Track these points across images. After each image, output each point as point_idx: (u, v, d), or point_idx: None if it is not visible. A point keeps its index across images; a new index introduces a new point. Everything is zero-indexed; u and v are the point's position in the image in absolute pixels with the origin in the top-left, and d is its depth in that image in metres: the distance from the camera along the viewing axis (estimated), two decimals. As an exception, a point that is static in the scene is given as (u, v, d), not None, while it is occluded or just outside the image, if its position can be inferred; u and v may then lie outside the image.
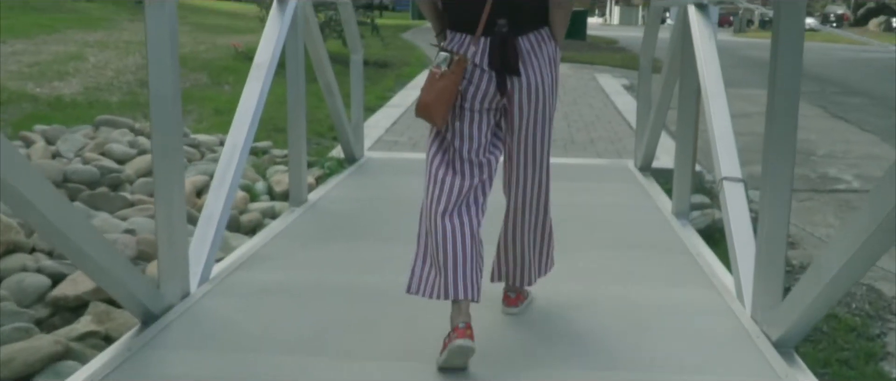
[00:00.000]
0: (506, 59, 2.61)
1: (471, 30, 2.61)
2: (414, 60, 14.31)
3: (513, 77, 2.63)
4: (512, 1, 2.59)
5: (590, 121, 8.36)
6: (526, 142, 2.75)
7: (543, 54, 2.66)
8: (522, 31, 2.63)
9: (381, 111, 8.63)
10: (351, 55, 6.19)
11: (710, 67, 4.06)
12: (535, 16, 2.66)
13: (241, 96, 3.99)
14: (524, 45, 2.63)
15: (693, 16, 4.32)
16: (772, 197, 2.83)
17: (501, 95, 2.64)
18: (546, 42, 2.68)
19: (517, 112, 2.68)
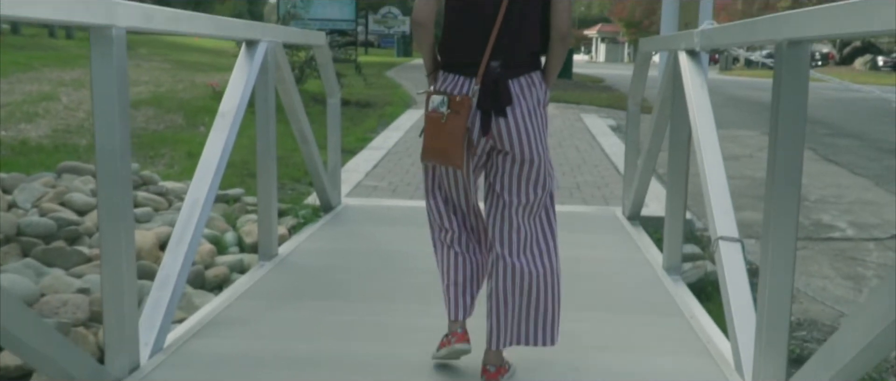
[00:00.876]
0: (497, 100, 2.62)
1: (465, 71, 2.65)
2: (397, 100, 14.06)
3: (498, 118, 2.62)
4: (505, 44, 2.62)
5: (576, 164, 8.14)
6: (511, 184, 2.72)
7: (532, 97, 2.68)
8: (514, 73, 2.65)
9: (361, 154, 8.38)
10: (328, 98, 5.96)
11: (703, 118, 3.83)
12: (527, 59, 2.69)
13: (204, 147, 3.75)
14: (514, 88, 2.64)
15: (684, 63, 4.10)
16: (774, 259, 2.62)
17: (485, 135, 2.64)
18: (536, 86, 2.70)
19: (500, 158, 2.69)
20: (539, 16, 2.69)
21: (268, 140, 4.42)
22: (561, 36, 2.69)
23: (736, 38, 3.50)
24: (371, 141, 9.27)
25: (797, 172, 2.60)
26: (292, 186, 6.66)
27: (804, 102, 2.59)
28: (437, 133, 2.63)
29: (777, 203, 2.61)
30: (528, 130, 2.66)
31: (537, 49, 2.72)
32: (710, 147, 3.69)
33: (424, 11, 2.67)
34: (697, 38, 3.87)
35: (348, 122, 10.60)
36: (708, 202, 3.49)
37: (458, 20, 2.69)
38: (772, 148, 2.63)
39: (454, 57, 2.71)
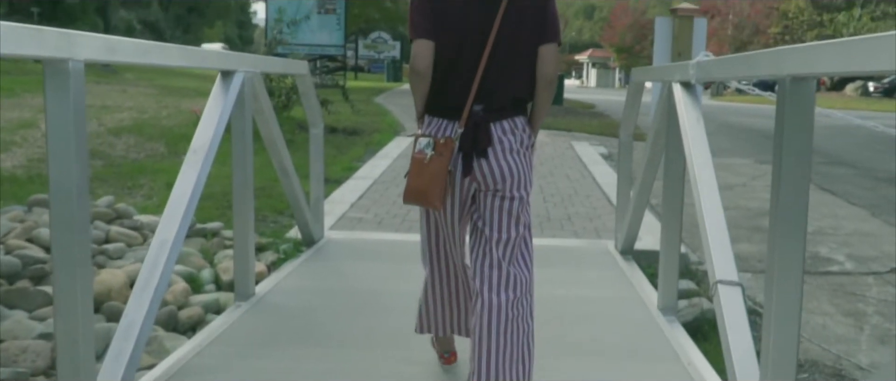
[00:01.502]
0: (477, 142, 2.68)
1: (450, 115, 2.72)
2: (385, 127, 13.86)
3: (480, 160, 2.69)
4: (489, 88, 2.69)
5: (567, 194, 7.95)
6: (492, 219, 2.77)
7: (515, 139, 2.74)
8: (497, 117, 2.71)
9: (347, 184, 8.19)
10: (310, 128, 5.77)
11: (699, 153, 3.64)
12: (510, 105, 2.75)
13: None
14: (496, 131, 2.70)
15: (679, 95, 3.93)
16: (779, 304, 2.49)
17: (467, 176, 2.72)
18: (519, 129, 2.75)
19: (483, 196, 2.75)
20: (525, 62, 2.74)
21: (245, 174, 4.22)
22: (546, 82, 2.75)
23: (733, 72, 3.33)
24: (357, 170, 9.07)
25: (802, 213, 2.44)
26: (274, 219, 6.46)
27: (809, 139, 2.44)
28: (420, 173, 2.69)
29: (782, 244, 2.45)
30: (510, 167, 2.72)
31: (523, 95, 2.78)
32: (707, 184, 3.50)
33: (425, 62, 2.70)
34: (693, 71, 3.70)
35: (335, 150, 10.43)
36: (705, 243, 3.30)
37: (445, 67, 2.72)
38: (775, 187, 2.47)
39: (440, 101, 2.76)
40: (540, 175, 9.07)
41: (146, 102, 14.31)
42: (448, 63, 2.71)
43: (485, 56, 2.67)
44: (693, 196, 3.48)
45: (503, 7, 2.67)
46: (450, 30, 2.70)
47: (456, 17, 2.70)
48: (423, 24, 2.70)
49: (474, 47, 2.68)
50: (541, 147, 11.80)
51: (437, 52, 2.71)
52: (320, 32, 20.99)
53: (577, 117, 18.66)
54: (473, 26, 2.69)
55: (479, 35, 2.68)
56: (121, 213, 5.52)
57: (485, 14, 2.69)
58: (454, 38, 2.70)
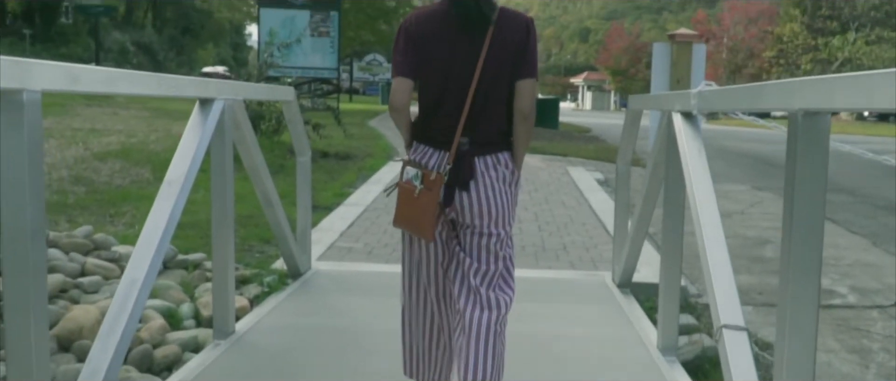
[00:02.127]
0: (460, 174, 2.73)
1: (435, 144, 2.78)
2: (378, 151, 13.64)
3: (462, 192, 2.75)
4: (475, 122, 2.75)
5: (563, 223, 7.76)
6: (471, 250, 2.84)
7: (498, 175, 2.79)
8: (482, 151, 2.77)
9: (337, 211, 7.98)
10: (297, 157, 5.58)
11: (701, 187, 3.45)
12: (496, 138, 2.81)
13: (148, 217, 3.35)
14: (480, 164, 2.77)
15: (679, 126, 3.74)
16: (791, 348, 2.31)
17: (448, 207, 2.77)
18: (502, 165, 2.81)
19: (465, 228, 2.82)
20: (505, 96, 2.80)
21: (224, 206, 4.03)
22: (523, 116, 2.80)
23: (737, 104, 3.16)
24: (349, 196, 8.87)
25: (817, 252, 2.29)
26: (261, 249, 6.25)
27: (824, 174, 2.29)
28: (410, 204, 2.76)
29: (795, 284, 2.29)
30: (490, 204, 2.78)
31: (506, 128, 2.83)
32: (710, 221, 3.31)
33: (401, 99, 2.79)
34: (694, 101, 3.52)
35: (326, 175, 10.24)
36: (709, 283, 3.09)
37: (432, 102, 2.81)
38: (787, 224, 2.32)
39: (428, 131, 2.83)
40: (535, 202, 8.89)
41: (136, 126, 14.13)
42: (434, 98, 2.80)
43: (471, 91, 2.73)
44: (694, 231, 3.30)
45: (487, 42, 2.74)
46: (435, 66, 2.78)
47: (440, 53, 2.78)
48: (401, 63, 2.80)
49: (459, 82, 2.75)
50: (536, 173, 11.63)
51: (423, 87, 2.83)
52: (313, 55, 20.82)
53: (573, 142, 18.51)
54: (458, 62, 2.76)
55: (463, 70, 2.75)
56: (98, 244, 5.32)
57: (469, 49, 2.76)
58: (439, 73, 2.78)
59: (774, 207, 9.89)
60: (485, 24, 2.75)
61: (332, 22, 20.97)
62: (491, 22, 2.75)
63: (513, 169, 2.86)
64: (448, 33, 2.78)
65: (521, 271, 5.82)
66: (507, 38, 2.77)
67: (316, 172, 10.37)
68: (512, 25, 2.79)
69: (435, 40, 2.78)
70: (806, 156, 2.28)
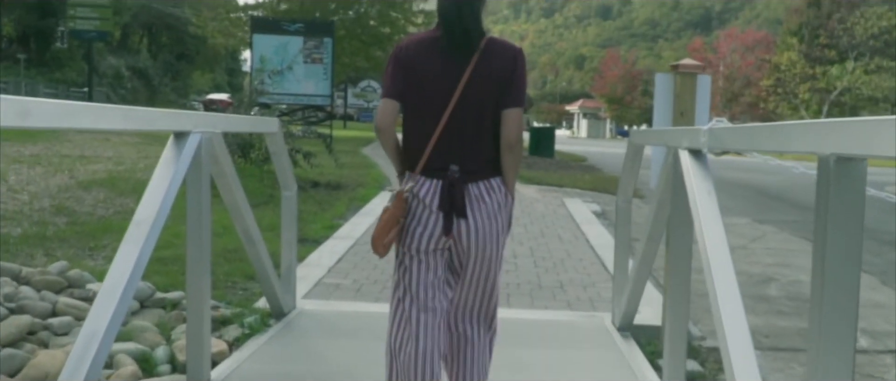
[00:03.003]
0: (454, 201, 2.79)
1: (425, 172, 2.84)
2: (370, 181, 13.34)
3: (459, 220, 2.81)
4: (462, 148, 2.81)
5: (559, 258, 7.50)
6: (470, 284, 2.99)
7: (492, 201, 2.86)
8: (473, 178, 2.83)
9: (326, 244, 7.71)
10: (282, 191, 5.33)
11: (712, 234, 3.19)
12: (487, 165, 2.87)
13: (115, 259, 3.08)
14: (473, 191, 2.82)
15: (687, 164, 3.49)
16: None
17: (447, 236, 2.83)
18: (495, 190, 2.87)
19: (464, 255, 2.90)
20: (492, 125, 2.85)
21: (201, 245, 3.77)
22: (509, 146, 2.86)
23: (755, 143, 2.91)
24: (338, 228, 8.59)
25: (853, 306, 2.11)
26: (245, 285, 5.97)
27: (860, 224, 2.12)
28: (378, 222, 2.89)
29: (828, 342, 2.13)
30: (489, 232, 2.87)
31: (495, 157, 2.88)
32: (723, 272, 3.03)
33: (386, 119, 2.86)
34: (704, 138, 3.28)
35: (316, 206, 9.96)
36: (722, 340, 2.83)
37: (418, 126, 2.87)
38: (819, 275, 2.15)
39: (415, 160, 2.87)
40: (531, 236, 8.64)
41: (126, 152, 13.87)
42: (423, 124, 2.85)
43: (445, 117, 2.80)
44: (706, 284, 3.04)
45: (470, 69, 2.79)
46: (420, 90, 2.84)
47: (426, 78, 2.83)
48: (389, 85, 2.88)
49: (442, 108, 2.81)
50: (532, 204, 11.39)
51: (413, 113, 2.89)
52: (306, 82, 20.59)
53: (569, 172, 18.27)
54: (442, 88, 2.81)
55: (446, 96, 2.81)
56: (73, 281, 5.04)
57: (454, 76, 2.81)
58: (424, 98, 2.84)
59: (776, 241, 9.65)
60: (472, 53, 2.81)
61: (325, 48, 20.78)
62: (475, 49, 2.81)
63: (505, 192, 2.92)
64: (436, 59, 2.83)
65: (516, 312, 5.60)
66: (494, 67, 2.82)
67: (306, 202, 10.12)
68: (499, 54, 2.85)
69: (422, 65, 2.83)
70: (840, 204, 2.09)
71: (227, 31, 31.89)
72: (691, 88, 5.05)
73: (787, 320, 6.24)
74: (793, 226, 11.01)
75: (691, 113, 5.09)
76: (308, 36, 20.63)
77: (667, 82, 5.12)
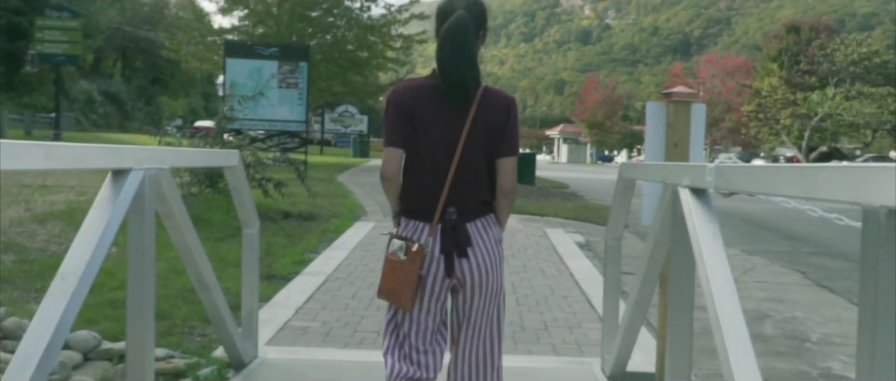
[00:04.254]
0: (457, 243, 2.89)
1: (423, 217, 2.92)
2: (345, 211, 12.79)
3: (461, 259, 2.89)
4: (460, 191, 2.90)
5: (543, 295, 7.10)
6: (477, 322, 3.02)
7: (490, 238, 2.96)
8: (470, 218, 2.93)
9: (295, 282, 7.26)
10: (243, 229, 4.90)
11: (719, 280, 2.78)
12: (480, 205, 2.97)
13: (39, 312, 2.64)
14: (472, 230, 2.92)
15: (689, 203, 3.10)
16: None
17: (449, 276, 2.91)
18: (491, 227, 2.99)
19: (469, 292, 2.94)
20: (486, 170, 2.97)
21: (142, 296, 3.33)
22: (505, 193, 3.00)
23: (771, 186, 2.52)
24: (309, 263, 8.13)
25: None
26: (203, 331, 5.51)
27: None
28: (393, 275, 2.89)
29: None
30: (490, 265, 2.95)
31: (488, 199, 3.00)
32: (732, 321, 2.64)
33: (392, 168, 2.93)
34: (711, 177, 2.89)
35: (286, 239, 9.49)
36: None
37: (418, 173, 2.94)
38: (867, 332, 1.86)
39: (413, 204, 2.95)
40: (513, 270, 8.23)
41: (92, 181, 13.31)
42: (421, 170, 2.93)
43: (453, 166, 2.87)
44: (713, 338, 2.65)
45: (470, 119, 2.88)
46: (420, 139, 2.90)
47: (426, 127, 2.89)
48: (392, 134, 2.91)
49: (443, 156, 2.89)
50: (513, 234, 10.98)
51: (411, 159, 2.94)
52: (281, 107, 20.08)
53: (550, 199, 17.87)
54: (443, 136, 2.89)
55: (447, 145, 2.88)
56: (8, 331, 4.59)
57: (453, 125, 2.89)
58: (424, 147, 2.90)
59: (768, 274, 9.30)
60: (468, 101, 2.88)
61: (300, 73, 20.31)
62: (474, 99, 2.88)
63: (498, 229, 3.04)
64: (434, 108, 2.90)
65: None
66: (490, 116, 2.92)
67: (276, 235, 9.68)
68: (494, 104, 2.93)
69: (422, 114, 2.90)
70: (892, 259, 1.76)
71: (202, 55, 31.39)
72: (685, 118, 4.70)
73: (786, 361, 5.87)
74: (783, 257, 10.67)
75: (685, 144, 4.73)
76: (283, 60, 20.17)
77: (659, 111, 4.76)
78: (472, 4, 2.91)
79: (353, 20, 31.36)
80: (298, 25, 29.60)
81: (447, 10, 2.91)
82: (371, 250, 9.06)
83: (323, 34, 31.32)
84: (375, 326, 5.79)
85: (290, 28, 28.81)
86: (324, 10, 30.90)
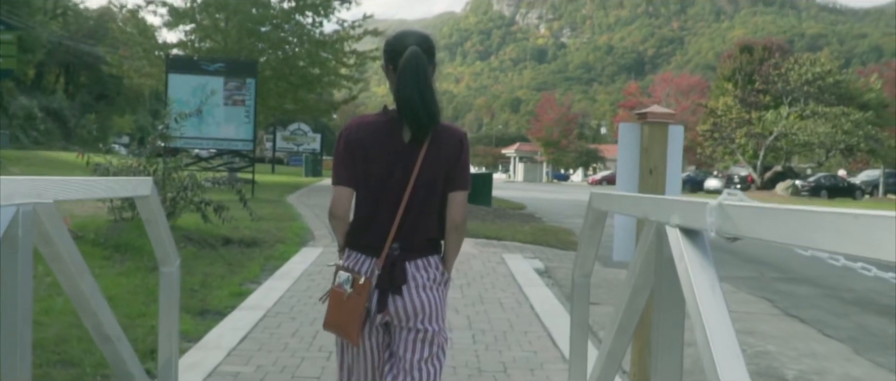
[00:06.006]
0: (393, 279, 2.87)
1: (367, 251, 2.91)
2: (291, 236, 12.03)
3: (395, 297, 2.88)
4: (407, 229, 2.89)
5: (501, 330, 6.54)
6: (405, 365, 2.90)
7: (427, 276, 2.92)
8: (412, 256, 2.91)
9: (230, 318, 6.62)
10: (160, 267, 4.28)
11: (722, 339, 2.23)
12: (425, 244, 2.94)
13: None
14: (411, 269, 2.90)
15: (679, 247, 2.55)
16: None
17: (381, 312, 2.88)
18: (432, 267, 2.95)
19: (398, 331, 2.92)
20: (437, 205, 2.93)
21: (15, 355, 2.71)
22: (455, 226, 2.96)
23: (801, 234, 1.97)
24: (248, 296, 7.48)
25: None
26: (116, 379, 4.87)
27: None
28: (339, 308, 2.86)
29: None
30: (422, 303, 2.88)
31: (436, 236, 2.97)
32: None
33: (342, 208, 2.92)
34: (713, 218, 2.34)
35: (225, 268, 8.80)
36: None
37: (367, 208, 2.92)
38: None
39: (361, 238, 2.94)
40: (468, 302, 7.67)
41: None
42: (369, 206, 2.91)
43: (404, 202, 2.86)
44: None
45: (422, 155, 2.85)
46: (372, 175, 2.88)
47: (378, 163, 2.87)
48: (342, 172, 2.91)
49: (394, 192, 2.87)
50: (468, 261, 10.42)
51: (362, 194, 2.92)
52: (227, 125, 19.32)
53: (508, 221, 17.32)
54: (394, 172, 2.86)
55: (398, 181, 2.87)
56: None
57: (406, 161, 2.86)
58: (376, 183, 2.88)
59: (735, 302, 8.86)
60: (422, 137, 2.86)
61: (248, 90, 19.61)
62: (428, 135, 2.86)
63: (443, 270, 2.99)
64: (387, 144, 2.88)
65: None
66: (442, 152, 2.89)
67: (213, 263, 9.01)
68: (446, 140, 2.91)
69: (374, 150, 2.88)
70: None
71: (145, 71, 30.42)
72: (662, 141, 4.19)
73: (765, 408, 5.37)
74: (749, 283, 10.24)
75: (662, 170, 4.23)
76: (229, 76, 19.44)
77: (632, 133, 4.26)
78: (422, 40, 2.91)
79: (305, 36, 30.63)
80: (248, 41, 28.75)
81: (397, 45, 2.90)
82: (317, 280, 8.44)
83: (274, 50, 30.57)
84: (317, 369, 5.21)
85: (238, 43, 27.96)
86: (274, 26, 30.12)
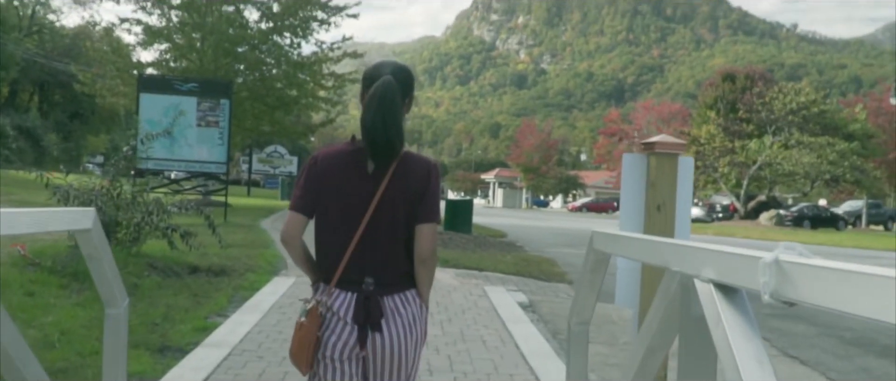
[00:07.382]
0: (369, 314, 2.82)
1: (339, 284, 2.84)
2: (262, 264, 11.43)
3: (374, 333, 2.82)
4: (377, 261, 2.83)
5: (485, 373, 6.06)
6: None
7: (407, 313, 2.87)
8: (388, 291, 2.85)
9: (192, 356, 6.09)
10: (106, 309, 3.78)
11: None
12: (402, 278, 2.89)
13: None
14: (389, 303, 2.85)
15: (713, 306, 2.10)
16: None
17: (361, 348, 2.84)
18: (410, 303, 2.89)
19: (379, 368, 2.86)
20: (406, 239, 2.87)
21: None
22: (422, 259, 2.88)
23: (882, 306, 1.53)
24: (213, 331, 6.94)
25: None
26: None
27: None
28: (295, 337, 2.83)
29: None
30: (404, 345, 2.85)
31: (409, 270, 2.90)
32: None
33: (291, 232, 2.90)
34: (766, 277, 1.88)
35: (190, 299, 8.25)
36: None
37: (330, 238, 2.88)
38: None
39: (327, 271, 2.88)
40: (450, 340, 7.19)
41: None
42: (335, 236, 2.86)
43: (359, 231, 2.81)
44: None
45: (384, 185, 2.81)
46: (337, 204, 2.85)
47: (340, 192, 2.84)
48: (299, 200, 2.90)
49: (356, 221, 2.82)
50: (449, 294, 9.93)
51: (325, 225, 2.89)
52: (199, 147, 18.74)
53: (488, 250, 16.83)
54: (358, 203, 2.83)
55: (359, 210, 2.82)
56: None
57: (367, 190, 2.83)
58: (337, 212, 2.85)
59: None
60: (385, 166, 2.83)
61: (222, 111, 19.06)
62: (390, 164, 2.83)
63: (421, 304, 2.94)
64: (351, 174, 2.86)
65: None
66: (410, 182, 2.85)
67: (178, 294, 8.47)
68: (413, 170, 2.87)
69: (337, 180, 2.86)
70: None
71: (117, 90, 29.78)
72: (671, 174, 3.77)
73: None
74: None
75: (671, 206, 3.80)
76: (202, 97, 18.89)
77: (638, 165, 3.82)
78: (398, 71, 2.89)
79: (283, 57, 30.11)
80: (224, 61, 28.20)
81: (374, 74, 2.89)
82: (288, 313, 7.91)
83: (251, 71, 30.05)
84: (283, 419, 4.71)
85: (215, 63, 27.38)
86: (251, 46, 29.60)
